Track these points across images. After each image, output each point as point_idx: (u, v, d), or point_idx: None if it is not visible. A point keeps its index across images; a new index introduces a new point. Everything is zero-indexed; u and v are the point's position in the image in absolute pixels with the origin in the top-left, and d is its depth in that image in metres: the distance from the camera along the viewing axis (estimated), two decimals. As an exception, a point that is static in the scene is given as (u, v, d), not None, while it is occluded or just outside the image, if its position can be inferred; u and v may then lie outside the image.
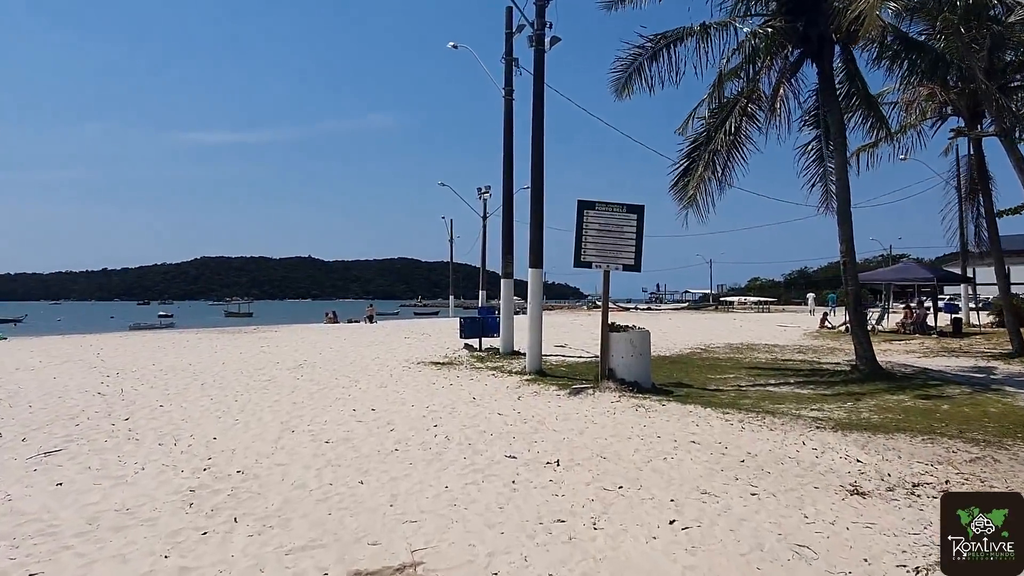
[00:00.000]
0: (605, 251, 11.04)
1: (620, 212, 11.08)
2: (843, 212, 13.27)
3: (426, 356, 16.77)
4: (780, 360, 16.40)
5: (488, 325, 17.83)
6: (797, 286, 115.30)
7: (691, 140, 15.11)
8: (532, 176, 13.78)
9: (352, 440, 7.58)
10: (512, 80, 17.58)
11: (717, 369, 14.38)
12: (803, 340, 22.93)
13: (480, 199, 43.40)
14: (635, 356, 10.87)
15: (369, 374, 13.40)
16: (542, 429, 8.06)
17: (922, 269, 25.21)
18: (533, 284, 13.61)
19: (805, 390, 11.54)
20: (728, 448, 7.05)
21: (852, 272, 13.29)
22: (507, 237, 17.80)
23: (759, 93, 14.30)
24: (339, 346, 19.88)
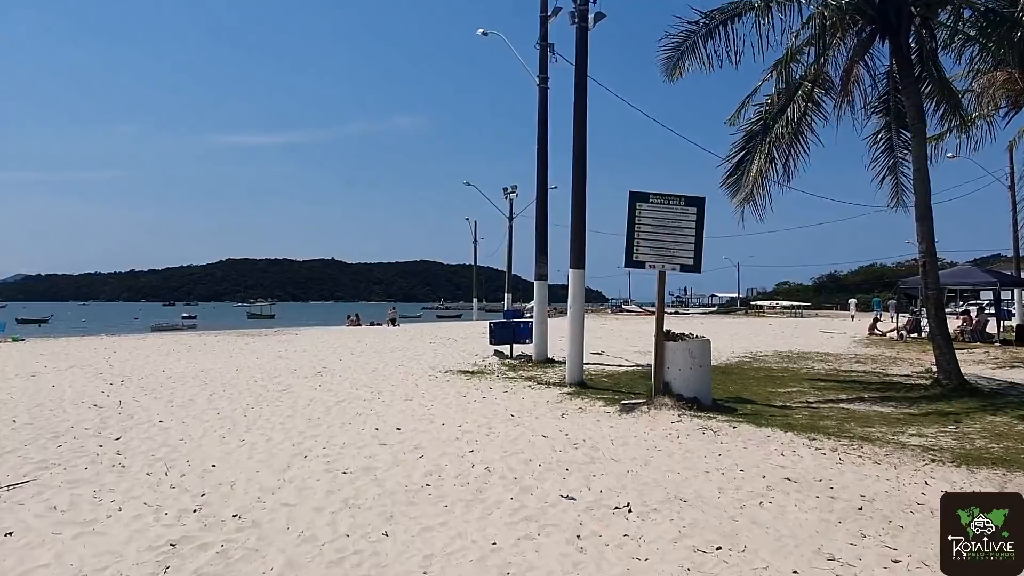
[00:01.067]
0: (660, 249, 9.73)
1: (678, 205, 9.77)
2: (922, 207, 11.82)
3: (454, 364, 15.56)
4: (841, 371, 14.95)
5: (520, 331, 16.59)
6: (827, 291, 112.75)
7: (745, 130, 13.74)
8: (574, 167, 12.52)
9: (374, 470, 6.36)
10: (547, 67, 16.36)
11: (775, 381, 12.99)
12: (855, 348, 21.38)
13: (506, 199, 42.26)
14: (694, 368, 9.55)
15: (393, 384, 12.21)
16: (599, 458, 6.79)
17: (983, 273, 23.54)
18: (574, 287, 12.33)
19: (886, 408, 10.14)
20: (835, 489, 5.72)
21: (933, 274, 11.84)
22: (541, 236, 16.57)
23: (825, 76, 12.89)
24: (360, 351, 18.75)
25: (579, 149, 12.58)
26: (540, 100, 16.39)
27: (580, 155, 12.57)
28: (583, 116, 12.54)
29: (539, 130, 16.38)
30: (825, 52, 12.13)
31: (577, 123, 12.53)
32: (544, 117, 16.41)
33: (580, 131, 12.56)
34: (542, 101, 16.38)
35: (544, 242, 16.51)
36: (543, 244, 16.45)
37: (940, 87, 13.56)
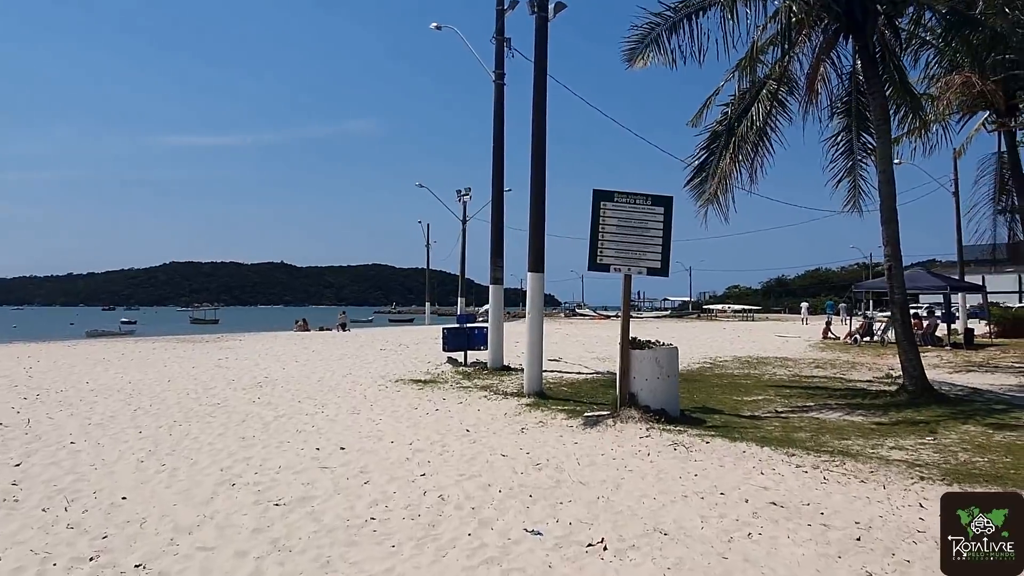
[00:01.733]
0: (626, 251, 9.17)
1: (644, 204, 9.22)
2: (888, 210, 11.56)
3: (405, 372, 14.76)
4: (803, 377, 14.66)
5: (475, 337, 15.88)
6: (775, 295, 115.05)
7: (710, 131, 13.33)
8: (533, 165, 11.88)
9: (312, 500, 5.58)
10: (504, 62, 15.71)
11: (740, 389, 12.57)
12: (812, 352, 21.29)
13: (460, 202, 41.48)
14: (662, 378, 8.99)
15: (339, 396, 11.37)
16: (564, 481, 6.14)
17: (932, 277, 23.80)
18: (533, 291, 11.68)
19: (857, 416, 9.77)
20: (826, 515, 5.18)
21: (899, 278, 11.57)
22: (496, 238, 15.90)
23: (790, 75, 12.56)
24: (306, 359, 17.77)
25: (538, 146, 11.96)
26: (496, 97, 15.74)
27: (539, 153, 11.96)
28: (542, 112, 11.94)
29: (495, 128, 15.73)
30: (791, 49, 11.79)
31: (536, 119, 11.91)
32: (500, 115, 15.76)
33: (539, 127, 11.94)
34: (498, 98, 15.74)
35: (500, 244, 15.86)
36: (499, 247, 15.80)
37: (902, 89, 13.39)
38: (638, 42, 12.39)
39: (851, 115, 13.56)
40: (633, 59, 12.52)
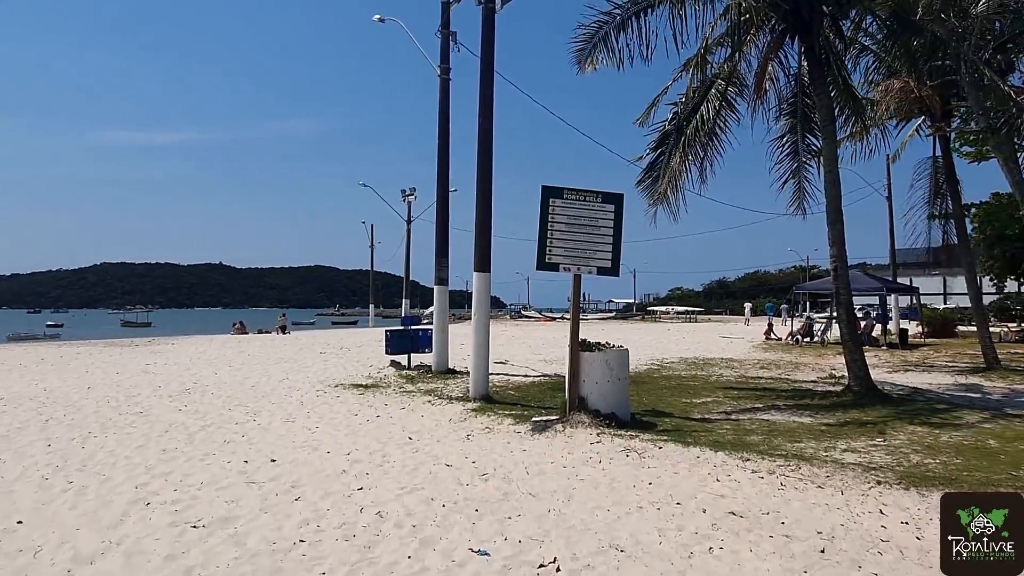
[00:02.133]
0: (576, 250, 8.86)
1: (594, 202, 8.93)
2: (833, 211, 11.57)
3: (346, 376, 14.17)
4: (749, 378, 14.65)
5: (419, 339, 15.38)
6: (716, 296, 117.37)
7: (659, 131, 13.19)
8: (479, 161, 11.48)
9: (235, 521, 5.06)
10: (449, 56, 15.29)
11: (689, 391, 12.42)
12: (756, 353, 21.47)
13: (404, 201, 40.70)
14: (612, 381, 8.71)
15: (274, 403, 10.75)
16: (513, 493, 5.76)
17: (870, 279, 24.35)
18: (479, 292, 11.28)
19: (805, 417, 9.69)
20: (787, 524, 4.94)
21: (844, 279, 11.60)
22: (442, 238, 15.46)
23: (739, 75, 12.50)
24: (241, 363, 16.97)
25: (484, 142, 11.57)
26: (441, 92, 15.30)
27: (485, 148, 11.57)
28: (489, 107, 11.56)
29: (440, 124, 15.29)
30: (740, 48, 11.71)
31: (483, 113, 11.52)
32: (445, 110, 15.33)
33: (486, 123, 11.55)
34: (443, 93, 15.29)
35: (445, 244, 15.41)
36: (443, 246, 15.35)
37: (845, 92, 13.53)
38: (586, 41, 12.17)
39: (797, 116, 13.61)
40: (582, 61, 12.31)
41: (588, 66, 12.39)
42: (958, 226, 16.65)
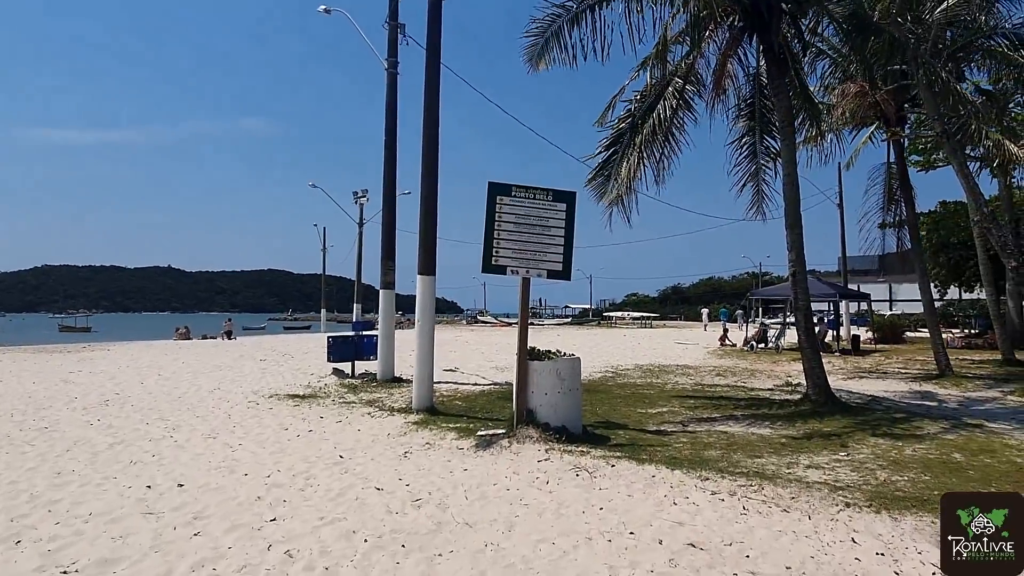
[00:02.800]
0: (524, 252, 8.26)
1: (545, 200, 8.35)
2: (792, 214, 11.22)
3: (283, 386, 13.31)
4: (706, 387, 14.25)
5: (363, 346, 14.61)
6: (672, 302, 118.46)
7: (613, 128, 12.72)
8: (424, 156, 10.80)
9: (117, 563, 4.31)
10: (397, 50, 14.60)
11: (644, 400, 11.93)
12: (712, 360, 21.20)
13: (356, 203, 39.69)
14: (563, 392, 8.13)
15: (198, 416, 9.89)
16: (447, 523, 5.10)
17: (823, 285, 24.38)
18: (423, 296, 10.58)
19: (764, 428, 9.27)
20: (752, 557, 4.39)
21: (803, 285, 11.25)
22: (388, 239, 14.73)
23: (697, 74, 12.10)
24: (174, 371, 15.92)
25: (430, 136, 10.90)
26: (388, 86, 14.58)
27: (431, 143, 10.90)
28: (436, 98, 10.90)
29: (387, 120, 14.56)
30: (699, 44, 11.29)
31: (429, 107, 10.86)
32: (393, 106, 14.61)
33: (432, 115, 10.89)
34: (391, 88, 14.58)
35: (391, 246, 14.68)
36: (390, 248, 14.62)
37: (802, 95, 13.26)
38: (538, 36, 11.67)
39: (755, 118, 13.29)
40: (534, 58, 11.80)
41: (541, 64, 11.92)
42: (912, 233, 16.58)
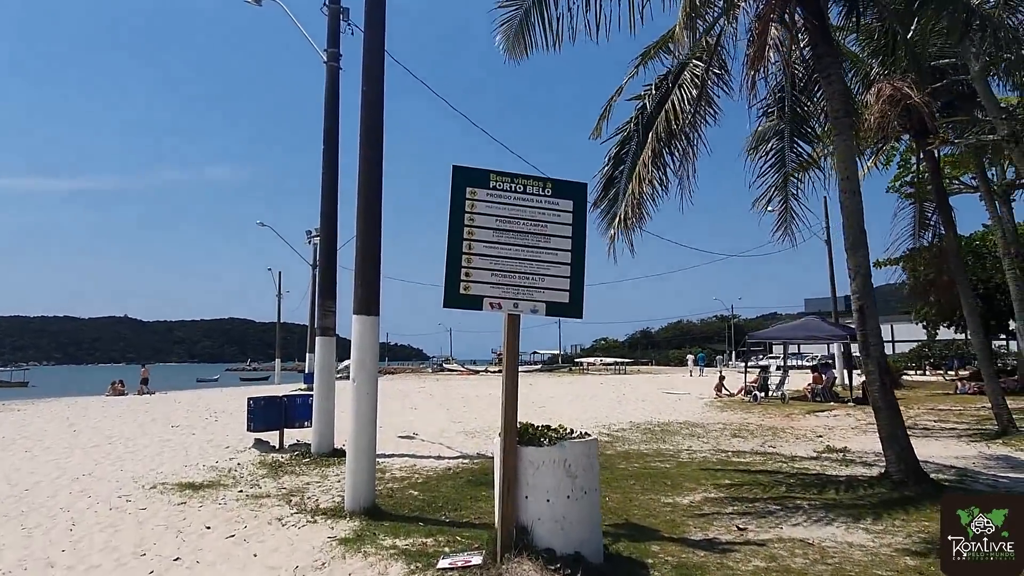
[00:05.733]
0: (510, 276, 5.29)
1: (540, 196, 5.45)
2: (855, 229, 8.53)
3: (181, 468, 10.00)
4: (731, 454, 11.28)
5: (294, 409, 11.42)
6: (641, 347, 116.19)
7: (623, 132, 10.03)
8: (363, 166, 7.76)
9: None
10: (339, 39, 11.81)
11: (665, 482, 8.90)
12: (714, 413, 18.29)
13: (309, 243, 36.47)
14: (575, 498, 5.10)
15: (25, 528, 6.60)
16: None
17: (829, 326, 21.86)
18: (363, 344, 7.40)
19: (857, 533, 6.34)
20: None
21: (874, 322, 8.45)
22: (327, 272, 11.70)
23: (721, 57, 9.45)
24: (49, 444, 12.46)
25: (371, 139, 7.91)
26: (328, 83, 11.70)
27: (373, 147, 7.92)
28: (379, 85, 7.97)
29: (327, 121, 11.61)
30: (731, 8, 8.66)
31: (368, 97, 7.90)
32: (334, 105, 11.70)
33: (373, 113, 7.92)
34: (331, 84, 11.70)
35: (332, 282, 11.64)
36: (330, 285, 11.58)
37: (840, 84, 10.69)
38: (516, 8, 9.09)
39: (784, 117, 10.70)
40: (511, 41, 9.27)
41: (519, 48, 9.31)
42: (953, 261, 14.04)
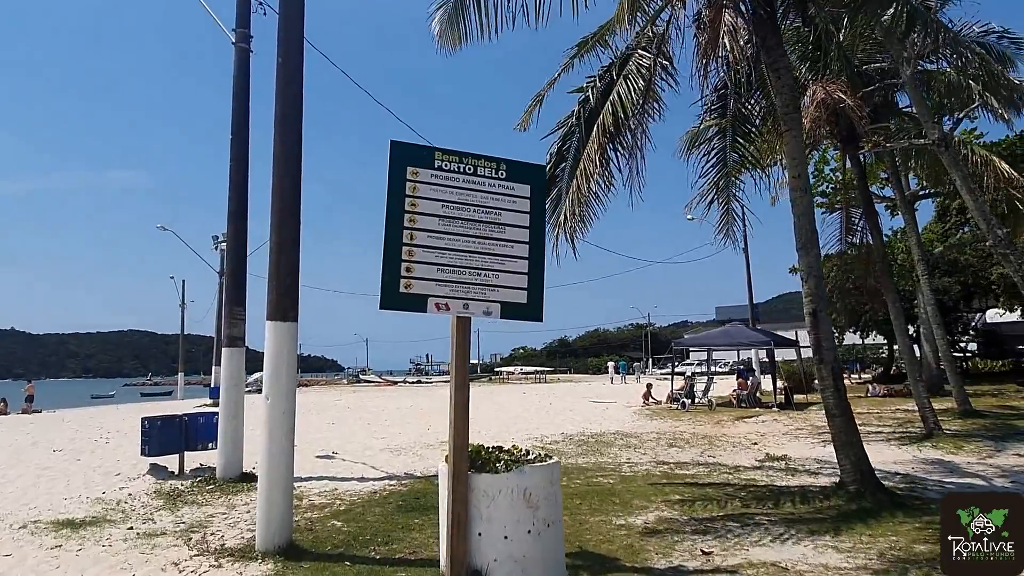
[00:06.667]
0: (459, 272, 4.50)
1: (492, 177, 4.68)
2: (806, 230, 8.17)
3: (60, 501, 8.62)
4: (674, 467, 10.77)
5: (196, 429, 10.18)
6: (559, 355, 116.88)
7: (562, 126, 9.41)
8: (277, 154, 6.78)
9: None
10: (249, 19, 10.72)
11: (612, 499, 8.27)
12: (645, 422, 17.92)
13: (216, 250, 34.34)
14: (538, 532, 4.35)
15: None
16: None
17: (753, 332, 22.03)
18: (278, 353, 6.38)
19: (825, 551, 5.89)
20: None
21: (827, 328, 8.11)
22: (235, 276, 10.56)
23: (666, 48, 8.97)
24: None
25: (288, 124, 6.96)
26: (237, 66, 10.56)
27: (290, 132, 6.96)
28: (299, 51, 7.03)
29: (235, 109, 10.43)
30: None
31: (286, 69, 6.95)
32: (244, 93, 10.54)
33: (291, 84, 6.98)
34: (240, 69, 10.57)
35: (241, 286, 10.49)
36: (238, 289, 10.43)
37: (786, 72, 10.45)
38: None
39: (726, 115, 10.36)
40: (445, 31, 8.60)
41: (455, 37, 8.62)
42: (880, 267, 14.16)
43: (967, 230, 29.91)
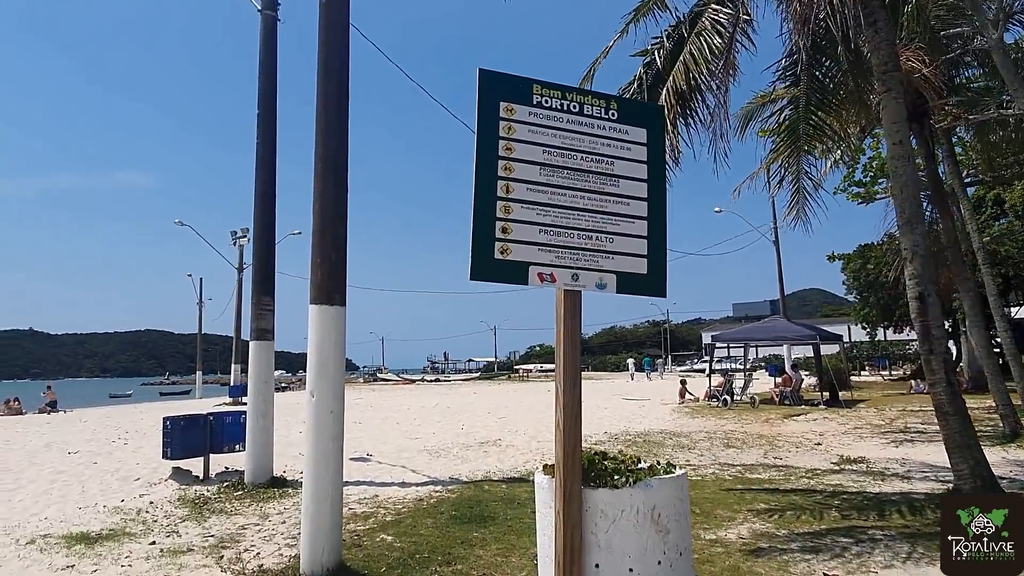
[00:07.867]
0: (566, 235, 3.59)
1: (602, 118, 3.77)
2: (910, 204, 7.21)
3: (74, 510, 7.80)
4: (744, 470, 9.81)
5: (223, 430, 9.33)
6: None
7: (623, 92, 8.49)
8: (321, 122, 5.91)
9: None
10: (276, -17, 9.84)
11: (694, 512, 7.29)
12: (688, 420, 16.96)
13: (235, 245, 33.59)
14: (670, 563, 3.44)
15: None
16: None
17: (796, 326, 20.98)
18: (324, 342, 5.48)
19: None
20: None
21: (936, 313, 7.13)
22: (264, 262, 9.69)
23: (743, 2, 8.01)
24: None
25: (334, 77, 6.08)
26: (263, 36, 9.70)
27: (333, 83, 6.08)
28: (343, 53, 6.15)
29: (261, 83, 9.59)
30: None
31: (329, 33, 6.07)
32: (270, 65, 9.70)
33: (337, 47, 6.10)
34: (266, 39, 9.71)
35: (268, 275, 9.63)
36: (267, 276, 9.57)
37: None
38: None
39: (799, 84, 9.38)
40: None
41: None
42: (953, 254, 13.07)
43: (1003, 222, 28.73)
